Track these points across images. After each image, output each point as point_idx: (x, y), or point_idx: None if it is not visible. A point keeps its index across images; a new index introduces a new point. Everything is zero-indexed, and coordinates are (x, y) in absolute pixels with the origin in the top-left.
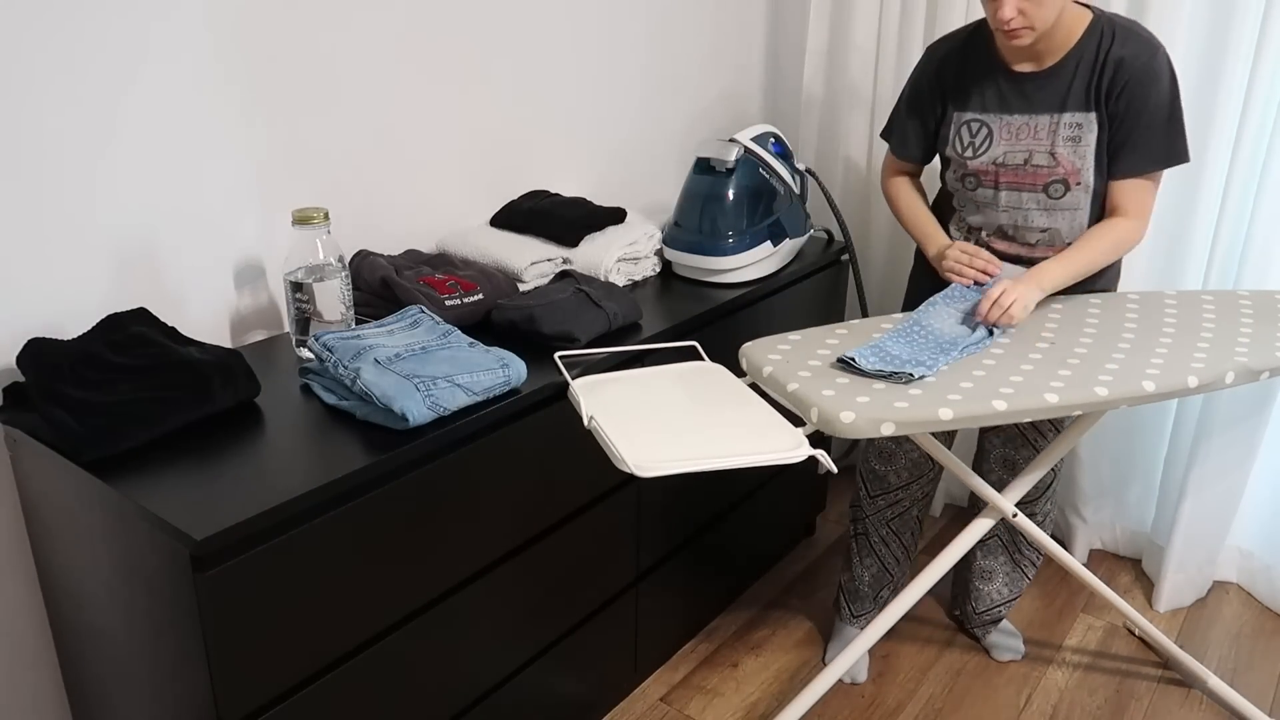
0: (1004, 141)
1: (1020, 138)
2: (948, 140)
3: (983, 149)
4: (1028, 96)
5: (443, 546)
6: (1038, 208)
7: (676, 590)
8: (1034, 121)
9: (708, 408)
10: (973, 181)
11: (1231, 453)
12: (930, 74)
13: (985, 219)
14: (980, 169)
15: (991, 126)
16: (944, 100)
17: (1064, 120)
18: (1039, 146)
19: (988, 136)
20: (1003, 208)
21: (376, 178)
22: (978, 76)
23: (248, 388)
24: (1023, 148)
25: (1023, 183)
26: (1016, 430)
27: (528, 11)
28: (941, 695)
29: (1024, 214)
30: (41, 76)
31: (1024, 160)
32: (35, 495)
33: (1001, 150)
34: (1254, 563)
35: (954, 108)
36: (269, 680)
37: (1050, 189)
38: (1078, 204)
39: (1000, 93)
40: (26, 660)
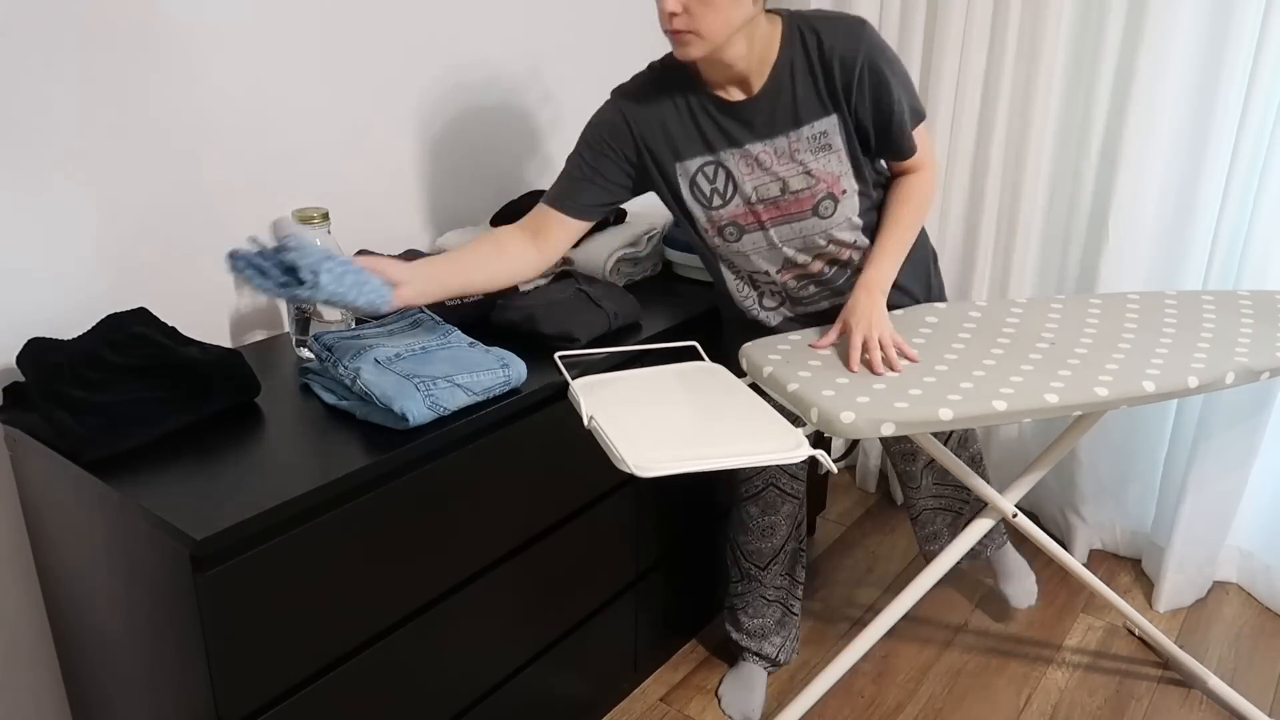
0: (749, 177)
1: (764, 166)
2: (682, 200)
3: (729, 193)
4: (751, 124)
5: (443, 546)
6: (816, 232)
7: (676, 590)
8: (771, 145)
9: (708, 408)
10: (734, 232)
11: (1231, 452)
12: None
13: (761, 262)
14: (736, 215)
15: (727, 165)
16: (651, 159)
17: (804, 134)
18: (790, 170)
19: (728, 178)
20: (781, 243)
21: (376, 178)
22: (690, 117)
23: (248, 388)
24: (771, 176)
25: (789, 213)
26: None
27: (528, 11)
28: (941, 695)
29: (802, 241)
30: (42, 76)
31: (780, 190)
32: (35, 495)
33: (750, 187)
34: (1254, 563)
35: (673, 160)
36: (269, 680)
37: (820, 208)
38: (853, 210)
39: (720, 128)
40: (26, 660)
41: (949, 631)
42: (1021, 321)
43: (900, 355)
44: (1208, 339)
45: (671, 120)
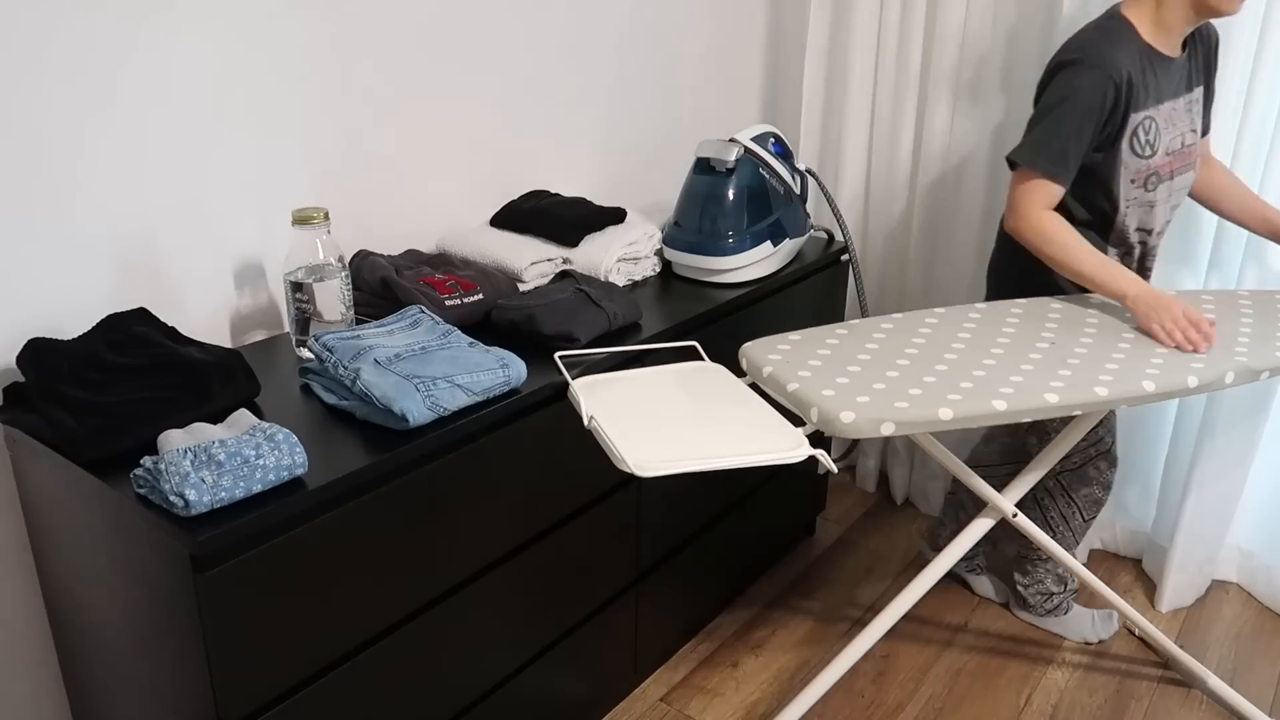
0: (1166, 131)
1: (1173, 123)
2: (1122, 150)
3: (1157, 144)
4: (1172, 80)
5: (443, 546)
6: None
7: (676, 590)
8: (1177, 104)
9: (708, 408)
10: (1154, 181)
11: (1232, 451)
12: (1106, 93)
13: (1158, 217)
14: (1160, 164)
15: (1156, 119)
16: (1125, 110)
17: (1192, 97)
18: (1186, 126)
19: (1156, 131)
20: (1173, 193)
21: (376, 178)
22: (1141, 73)
23: (248, 388)
24: (1177, 132)
25: (1184, 165)
26: None
27: (528, 11)
28: (941, 695)
29: (1181, 194)
30: (41, 76)
31: (1181, 144)
32: (35, 495)
33: (1167, 139)
34: (1254, 562)
35: (1131, 110)
36: (269, 680)
37: (1196, 164)
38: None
39: (1157, 83)
40: (26, 660)
41: (949, 631)
42: (1021, 321)
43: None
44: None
45: (1134, 78)
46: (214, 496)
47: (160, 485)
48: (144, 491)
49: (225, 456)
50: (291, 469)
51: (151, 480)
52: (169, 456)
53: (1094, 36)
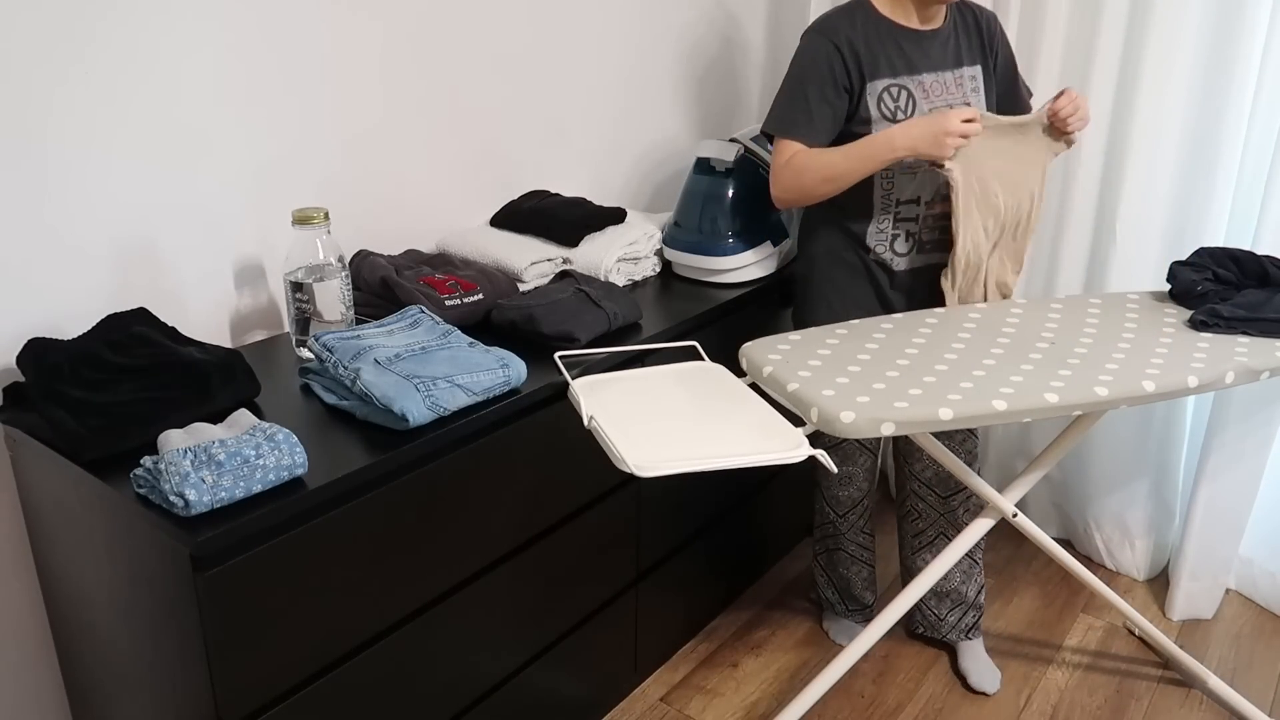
0: (924, 101)
1: (935, 94)
2: (869, 113)
3: (910, 110)
4: (928, 54)
5: (443, 546)
6: None
7: (676, 590)
8: (941, 78)
9: (708, 408)
10: None
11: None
12: (832, 51)
13: (922, 185)
14: None
15: (909, 88)
16: (858, 74)
17: (965, 74)
18: (955, 100)
19: (909, 99)
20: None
21: (376, 178)
22: (879, 42)
23: (248, 387)
24: (942, 103)
25: None
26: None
27: (527, 11)
28: (942, 695)
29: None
30: (42, 75)
31: None
32: (35, 495)
33: (926, 109)
34: (1254, 569)
35: (867, 78)
36: (269, 680)
37: None
38: None
39: (905, 54)
40: (26, 660)
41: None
42: (1021, 321)
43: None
44: (1208, 338)
45: (861, 45)
46: (214, 496)
47: (160, 485)
48: (144, 491)
49: (225, 456)
50: (291, 469)
51: (151, 480)
52: (169, 456)
53: (828, 11)
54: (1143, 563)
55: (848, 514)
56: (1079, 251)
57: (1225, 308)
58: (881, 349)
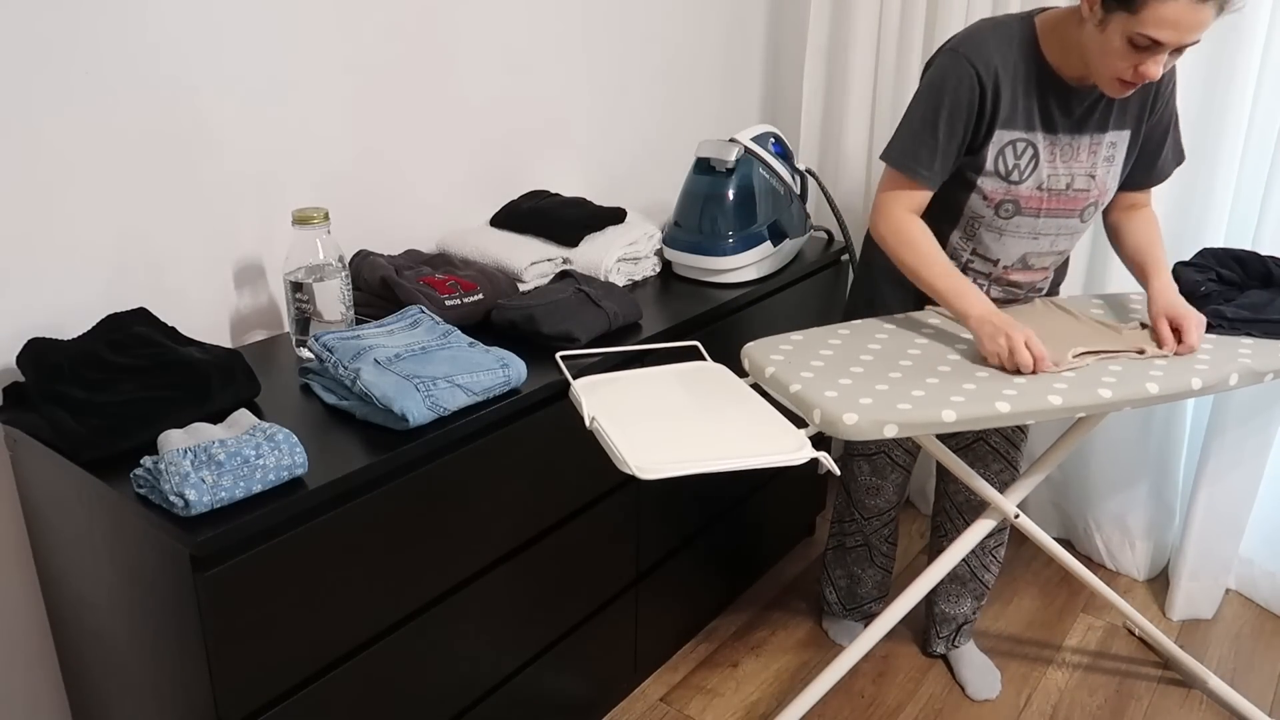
0: (1047, 164)
1: (1063, 158)
2: (984, 162)
3: (1028, 172)
4: (1072, 114)
5: (443, 546)
6: (1066, 234)
7: (676, 590)
8: (1076, 142)
9: (709, 408)
10: (1010, 209)
11: (1244, 464)
12: (971, 87)
13: (1008, 250)
14: (1024, 195)
15: (1037, 146)
16: (990, 116)
17: (1105, 140)
18: (1080, 169)
19: (1033, 158)
20: (1039, 235)
21: (376, 178)
22: (1027, 90)
23: (248, 388)
24: (1065, 171)
25: (1063, 209)
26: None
27: (527, 11)
28: (941, 695)
29: (1052, 240)
30: (42, 74)
31: (1066, 185)
32: (35, 495)
33: (1046, 174)
34: (1254, 569)
35: (999, 126)
36: (269, 680)
37: (1084, 214)
38: (1090, 223)
39: (1047, 109)
40: (26, 660)
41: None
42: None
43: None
44: (1211, 339)
45: (1007, 84)
46: (214, 496)
47: (160, 485)
48: (144, 491)
49: (225, 456)
50: (291, 469)
51: (151, 480)
52: (169, 456)
53: (981, 25)
54: (1143, 563)
55: (871, 519)
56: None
57: (1229, 309)
58: (884, 350)
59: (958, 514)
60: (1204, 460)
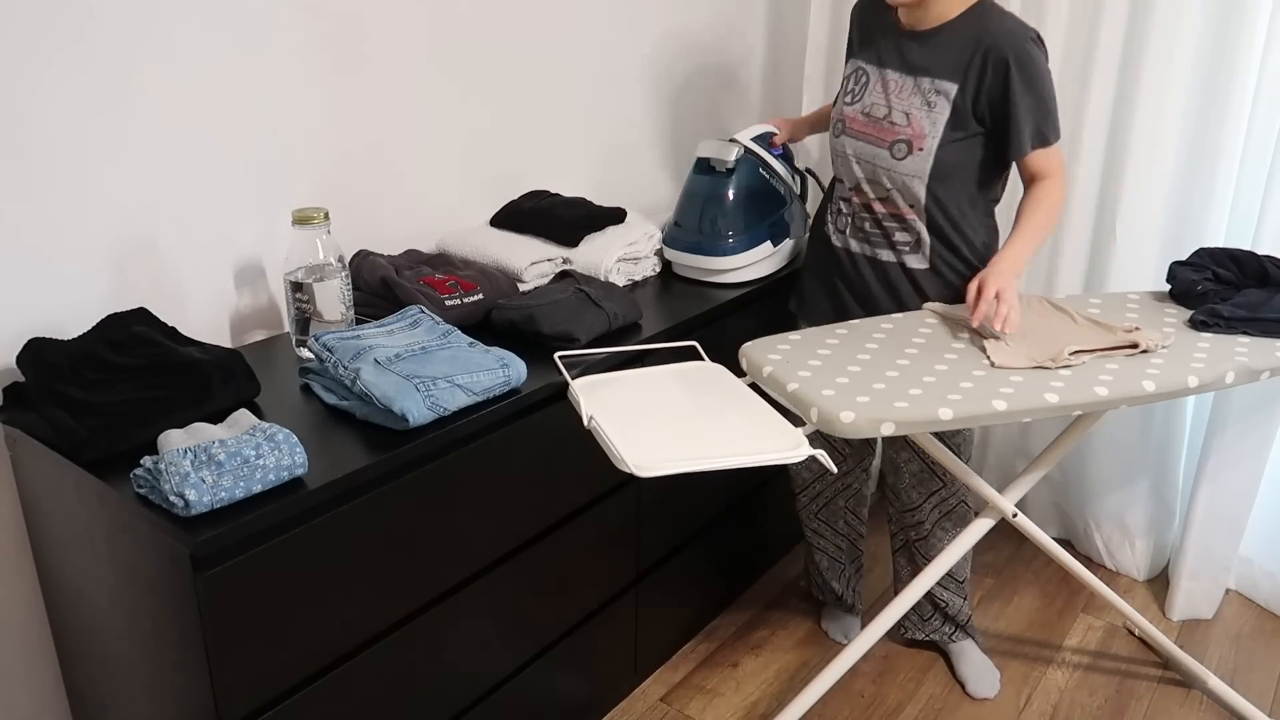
0: (874, 92)
1: (890, 91)
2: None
3: (858, 96)
4: (902, 53)
5: (443, 546)
6: (879, 165)
7: (676, 590)
8: (903, 80)
9: (708, 408)
10: (839, 128)
11: (1244, 463)
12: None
13: (848, 170)
14: (849, 115)
15: (869, 75)
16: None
17: (924, 84)
18: (899, 105)
19: (865, 84)
20: (859, 159)
21: (376, 178)
22: (875, 26)
23: (248, 388)
24: (884, 102)
25: (874, 135)
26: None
27: (527, 11)
28: (942, 695)
29: (871, 168)
30: (42, 75)
31: (883, 115)
32: (35, 495)
33: (871, 100)
34: (1254, 570)
35: (851, 55)
36: (269, 680)
37: (894, 148)
38: (917, 170)
39: (887, 45)
40: (26, 660)
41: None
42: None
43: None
44: (1208, 338)
45: (868, 22)
46: (214, 496)
47: (160, 485)
48: (144, 491)
49: (225, 456)
50: (291, 469)
51: (151, 480)
52: (169, 456)
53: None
54: (1143, 563)
55: (800, 494)
56: (1079, 251)
57: (1225, 308)
58: (881, 349)
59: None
60: (1204, 459)
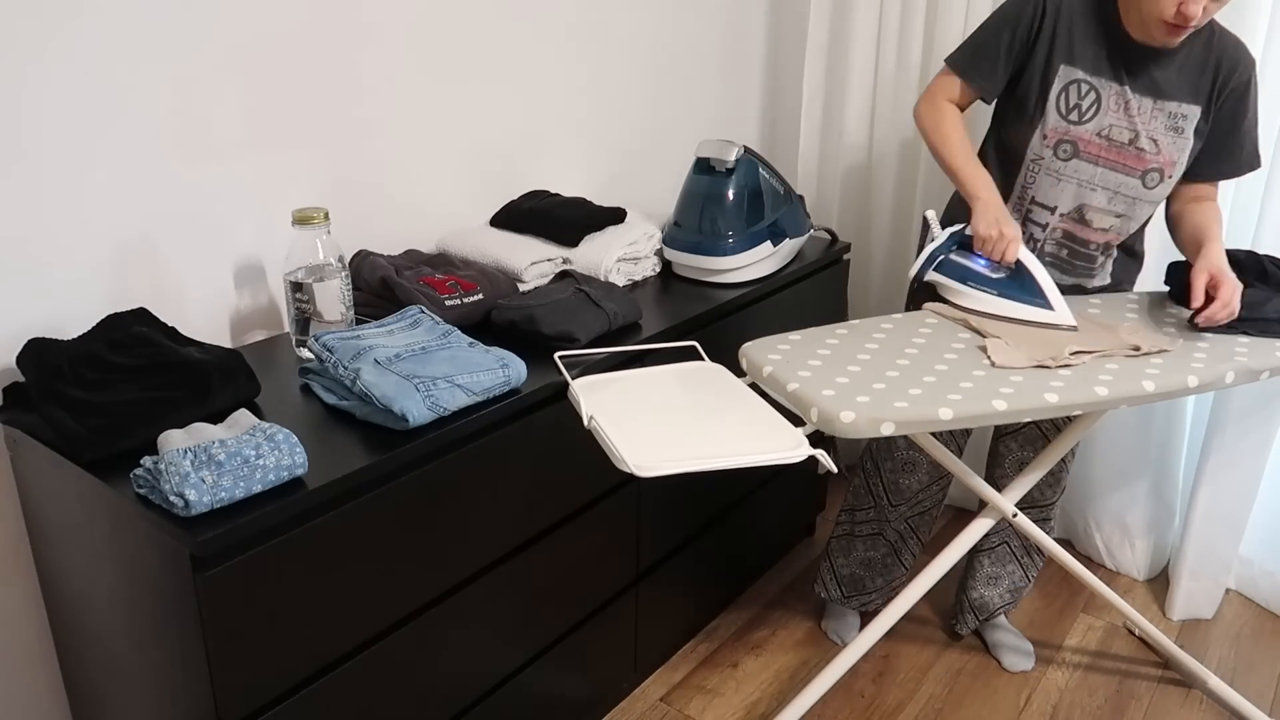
0: (1111, 113)
1: (1129, 113)
2: (1046, 98)
3: (1090, 115)
4: (1142, 73)
5: (443, 546)
6: (1123, 193)
7: (676, 590)
8: (1142, 102)
9: (708, 408)
10: (1068, 150)
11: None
12: (1041, 11)
13: (1064, 196)
14: (1083, 138)
15: (1101, 93)
16: (1051, 48)
17: (1172, 108)
18: (1144, 129)
19: (1095, 102)
20: (1095, 186)
21: (376, 178)
22: (1096, 35)
23: (248, 388)
24: (1128, 125)
25: (1124, 163)
26: (1037, 431)
27: (528, 11)
28: (942, 695)
29: (1110, 196)
30: (42, 75)
31: (1129, 140)
32: (35, 495)
33: (1108, 122)
34: (1254, 569)
35: (1062, 61)
36: (269, 680)
37: (1147, 178)
38: (1161, 197)
39: (1115, 59)
40: (26, 660)
41: (949, 631)
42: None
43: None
44: (1208, 338)
45: (1079, 25)
46: (214, 496)
47: (160, 485)
48: (144, 491)
49: (225, 456)
50: (291, 469)
51: (151, 480)
52: (169, 456)
53: None
54: (1143, 563)
55: (900, 505)
56: None
57: None
58: (881, 349)
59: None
60: (1204, 459)
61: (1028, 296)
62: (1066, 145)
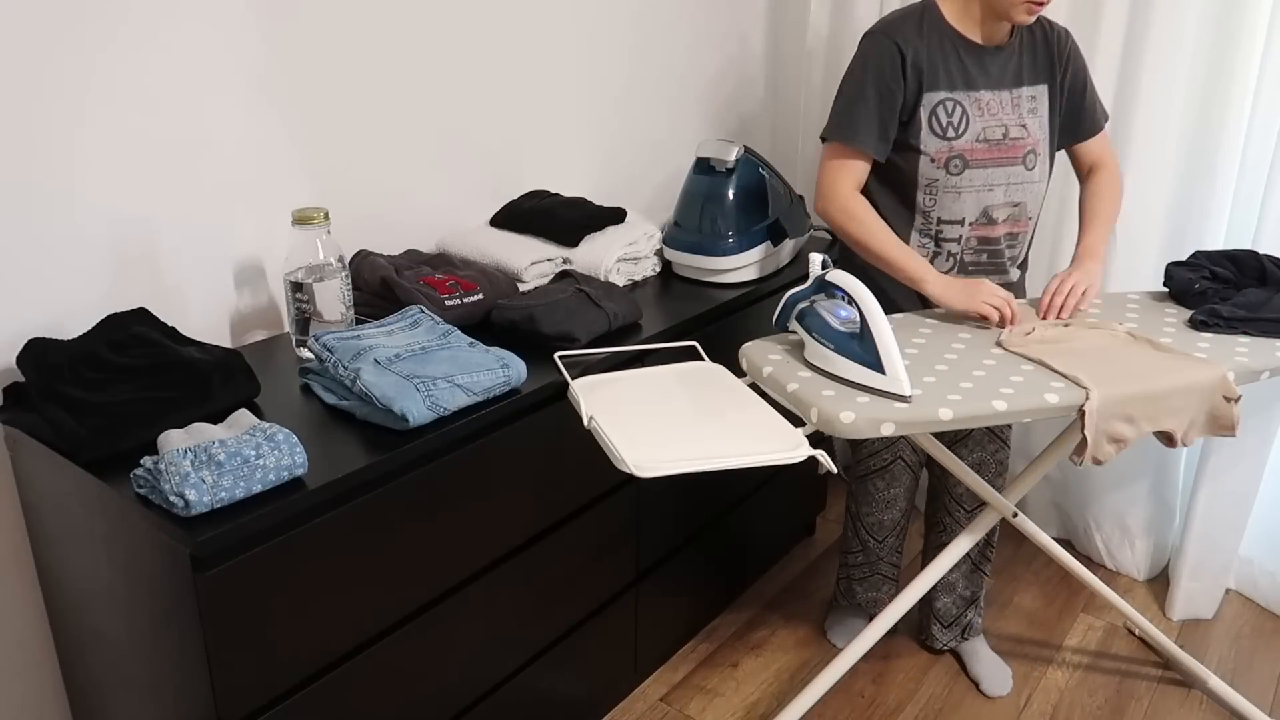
0: (978, 119)
1: (991, 112)
2: (920, 127)
3: (963, 128)
4: (988, 70)
5: (443, 546)
6: (1013, 182)
7: (676, 590)
8: (999, 97)
9: (707, 408)
10: (958, 164)
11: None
12: (893, 56)
13: (967, 206)
14: (966, 148)
15: (964, 104)
16: (915, 80)
17: (1024, 93)
18: (1010, 120)
19: (964, 115)
20: (992, 186)
21: (376, 178)
22: (944, 54)
23: (248, 387)
24: (996, 122)
25: (1006, 156)
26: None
27: (528, 11)
28: (941, 695)
29: (1005, 189)
30: (42, 76)
31: (1002, 135)
32: (35, 495)
33: (980, 126)
34: (1254, 569)
35: (925, 89)
36: (269, 680)
37: (1026, 159)
38: (1044, 175)
39: (965, 69)
40: (26, 660)
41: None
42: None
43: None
44: (1208, 338)
45: (924, 52)
46: (214, 496)
47: (160, 485)
48: (144, 491)
49: (225, 456)
50: (291, 469)
51: (151, 480)
52: (169, 456)
53: (893, 13)
54: (1143, 563)
55: (886, 539)
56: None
57: (1225, 307)
58: None
59: (957, 506)
60: (1204, 459)
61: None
62: (956, 160)
